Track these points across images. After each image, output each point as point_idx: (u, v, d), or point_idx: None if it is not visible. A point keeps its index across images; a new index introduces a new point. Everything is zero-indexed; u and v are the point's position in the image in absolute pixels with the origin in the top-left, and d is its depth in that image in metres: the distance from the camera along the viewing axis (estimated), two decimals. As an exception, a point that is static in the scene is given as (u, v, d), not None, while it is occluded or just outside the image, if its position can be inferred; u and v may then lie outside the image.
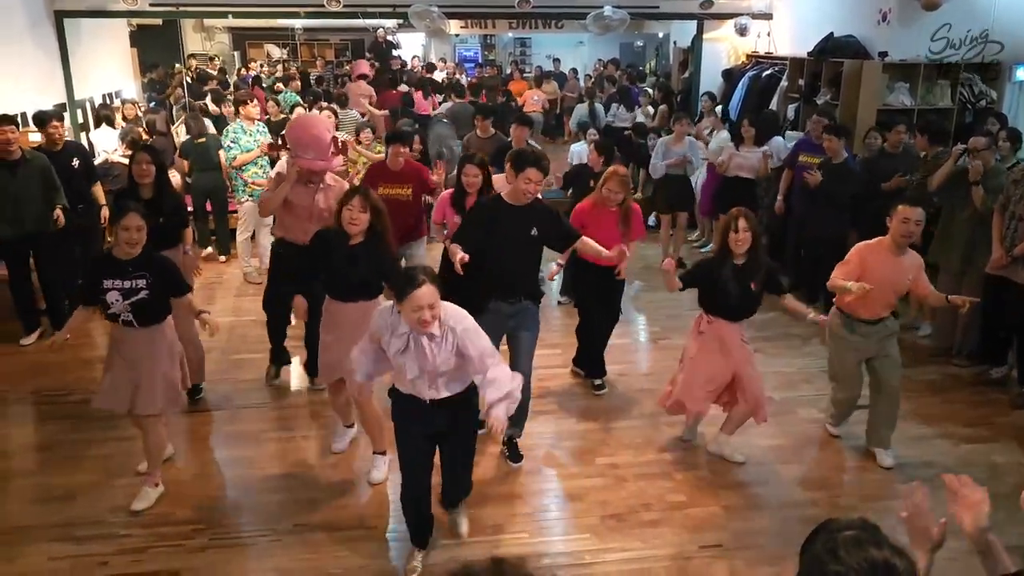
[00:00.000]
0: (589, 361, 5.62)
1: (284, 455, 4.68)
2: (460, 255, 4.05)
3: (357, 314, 4.18)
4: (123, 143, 7.81)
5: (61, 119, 6.67)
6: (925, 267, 4.52)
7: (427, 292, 3.08)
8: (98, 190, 6.76)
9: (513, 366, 4.36)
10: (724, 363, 4.42)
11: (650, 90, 12.54)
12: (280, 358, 5.62)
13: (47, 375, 5.71)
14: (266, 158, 7.74)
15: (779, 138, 7.96)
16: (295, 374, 5.70)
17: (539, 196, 4.34)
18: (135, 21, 11.71)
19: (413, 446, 3.52)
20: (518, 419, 4.52)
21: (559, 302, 7.11)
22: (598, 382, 5.53)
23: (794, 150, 7.31)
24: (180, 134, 9.35)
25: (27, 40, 7.90)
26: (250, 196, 7.52)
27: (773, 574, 3.67)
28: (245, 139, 7.54)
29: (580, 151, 8.69)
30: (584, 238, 4.52)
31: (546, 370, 5.60)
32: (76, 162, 6.52)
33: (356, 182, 6.67)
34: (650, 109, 11.43)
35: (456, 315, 3.30)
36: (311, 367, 5.37)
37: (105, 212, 6.66)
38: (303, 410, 5.25)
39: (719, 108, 9.87)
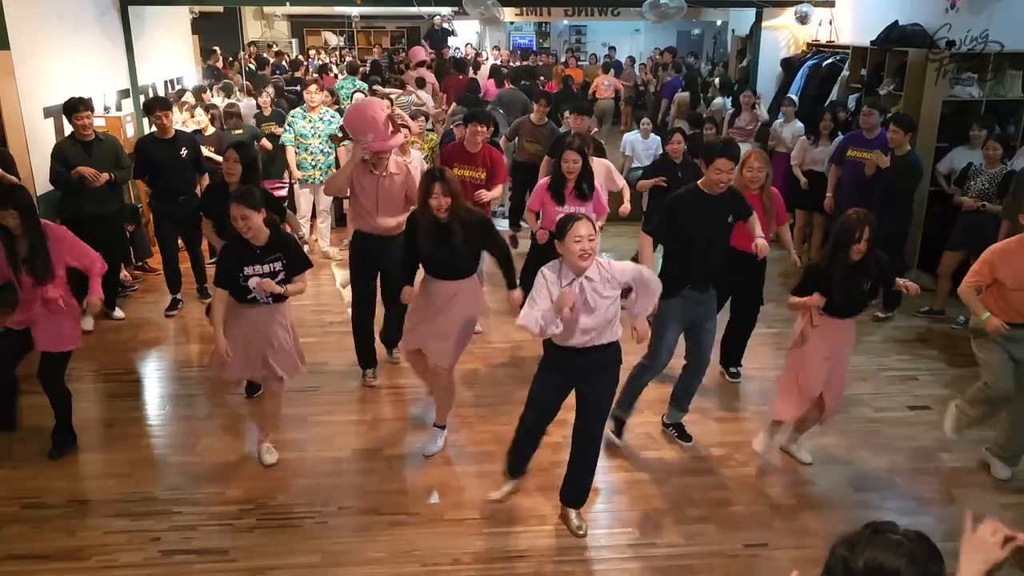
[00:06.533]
0: (728, 352, 5.56)
1: (331, 439, 4.75)
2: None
3: (449, 291, 4.33)
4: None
5: (168, 107, 6.63)
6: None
7: (585, 223, 3.47)
8: (203, 182, 6.85)
9: (696, 356, 4.55)
10: (827, 367, 4.24)
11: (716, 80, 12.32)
12: (370, 361, 5.50)
13: (109, 354, 5.89)
14: (331, 158, 7.73)
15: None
16: (341, 361, 5.76)
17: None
18: (197, 8, 11.96)
19: (547, 386, 3.79)
20: (685, 400, 4.70)
21: None
22: (734, 370, 5.57)
23: (842, 145, 7.03)
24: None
25: (94, 27, 8.12)
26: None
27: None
28: (300, 124, 7.56)
29: (633, 140, 8.61)
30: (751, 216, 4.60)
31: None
32: (184, 152, 6.50)
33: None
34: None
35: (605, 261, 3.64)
36: (389, 338, 5.59)
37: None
38: (351, 395, 5.32)
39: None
